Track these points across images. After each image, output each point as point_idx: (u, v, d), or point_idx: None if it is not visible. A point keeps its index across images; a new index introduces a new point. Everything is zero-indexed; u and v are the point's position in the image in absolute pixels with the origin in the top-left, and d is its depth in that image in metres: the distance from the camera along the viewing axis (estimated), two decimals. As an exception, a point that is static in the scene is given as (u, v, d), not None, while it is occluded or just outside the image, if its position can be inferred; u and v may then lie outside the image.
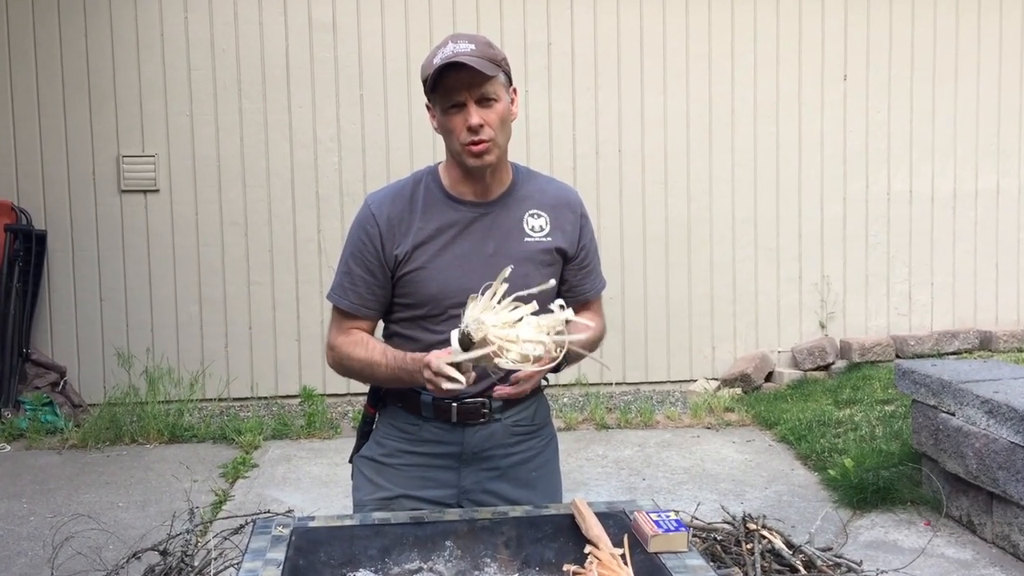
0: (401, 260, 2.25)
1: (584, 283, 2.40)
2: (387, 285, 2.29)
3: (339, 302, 2.32)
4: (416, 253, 2.25)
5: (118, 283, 7.20)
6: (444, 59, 2.13)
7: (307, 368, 7.23)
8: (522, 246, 2.28)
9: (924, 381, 4.85)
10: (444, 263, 2.25)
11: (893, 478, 5.02)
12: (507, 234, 2.28)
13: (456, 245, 2.26)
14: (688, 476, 5.63)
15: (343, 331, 2.32)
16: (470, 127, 2.16)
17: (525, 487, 2.36)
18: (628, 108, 7.51)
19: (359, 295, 2.30)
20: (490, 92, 2.17)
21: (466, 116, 2.16)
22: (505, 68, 2.22)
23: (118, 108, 7.14)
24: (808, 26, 7.65)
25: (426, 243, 2.25)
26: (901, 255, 7.87)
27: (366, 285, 2.30)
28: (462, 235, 2.27)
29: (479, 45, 2.16)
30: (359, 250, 2.29)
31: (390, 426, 2.36)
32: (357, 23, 7.28)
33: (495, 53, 2.19)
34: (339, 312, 2.34)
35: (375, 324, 2.37)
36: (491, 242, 2.27)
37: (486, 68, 2.13)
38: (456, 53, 2.13)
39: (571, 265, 2.36)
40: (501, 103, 2.19)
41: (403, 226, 2.26)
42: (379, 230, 2.26)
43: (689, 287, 7.63)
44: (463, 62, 2.10)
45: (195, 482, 5.50)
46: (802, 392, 7.14)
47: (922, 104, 7.80)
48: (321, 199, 7.29)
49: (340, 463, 5.81)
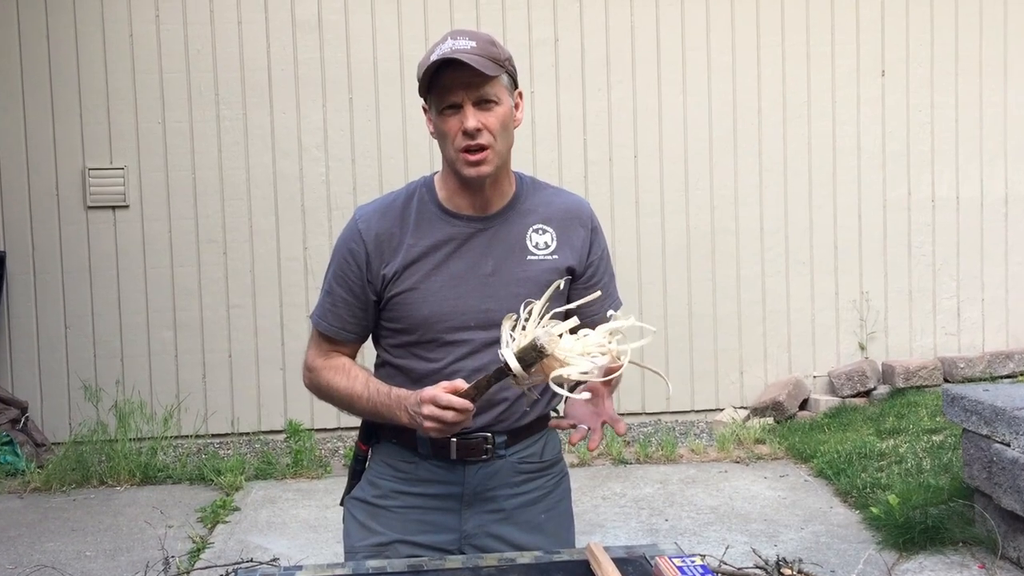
0: (390, 280, 2.26)
1: (593, 304, 2.39)
2: (370, 308, 2.31)
3: (319, 324, 2.36)
4: (406, 273, 2.26)
5: (84, 308, 7.22)
6: (441, 56, 2.14)
7: (293, 401, 7.24)
8: (524, 265, 2.29)
9: (975, 408, 4.83)
10: (437, 284, 2.26)
11: (942, 516, 5.00)
12: (508, 252, 2.29)
13: (451, 264, 2.26)
14: (715, 516, 5.61)
15: (323, 353, 2.36)
16: (466, 131, 2.16)
17: (534, 531, 2.36)
18: (644, 108, 7.53)
19: (340, 318, 2.33)
20: (490, 94, 2.18)
21: (462, 119, 2.17)
22: (509, 69, 2.23)
23: (83, 116, 7.18)
24: (841, 16, 7.68)
25: (417, 262, 2.26)
26: (948, 268, 7.87)
27: (347, 307, 2.32)
28: (457, 253, 2.27)
29: (480, 43, 2.17)
30: (342, 269, 2.31)
31: (384, 464, 2.36)
32: (345, 21, 7.32)
33: (498, 52, 2.19)
34: (320, 334, 2.37)
35: (358, 348, 2.39)
36: (490, 261, 2.27)
37: (486, 67, 2.13)
38: (454, 50, 2.14)
39: (578, 284, 2.36)
40: (502, 106, 2.20)
41: (392, 243, 2.27)
42: (365, 248, 2.27)
43: (714, 306, 7.63)
44: (461, 60, 2.11)
45: (170, 528, 5.49)
46: (840, 421, 7.11)
47: (969, 100, 7.81)
48: (307, 213, 7.31)
49: (330, 505, 5.80)
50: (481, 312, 2.25)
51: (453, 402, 2.02)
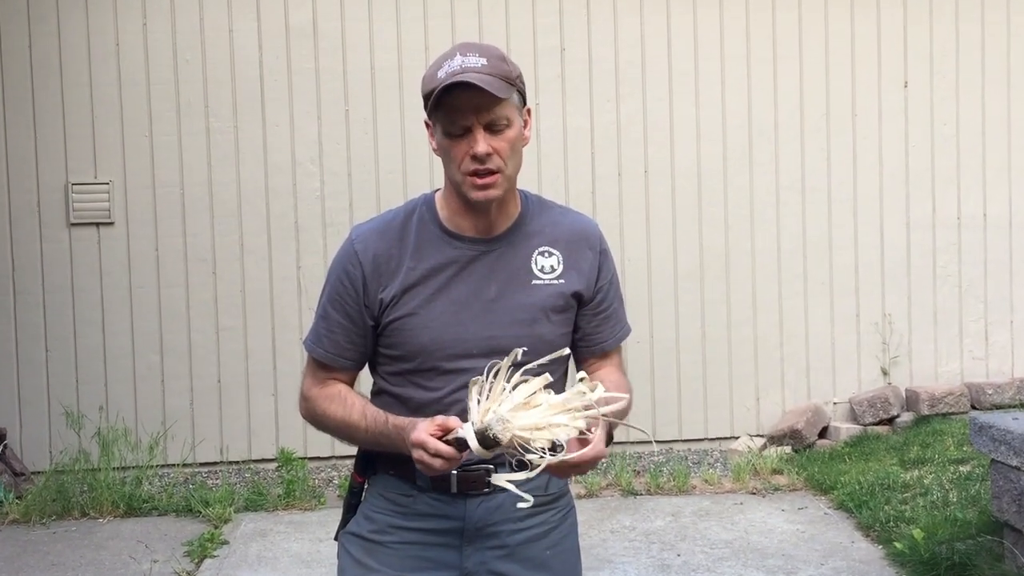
0: (388, 305, 2.27)
1: (601, 331, 2.40)
2: (367, 334, 2.32)
3: (313, 350, 2.37)
4: (405, 297, 2.27)
5: (66, 330, 7.23)
6: (451, 75, 2.13)
7: (285, 428, 7.24)
8: (529, 290, 2.30)
9: (1004, 437, 4.82)
10: (438, 310, 2.26)
11: (970, 551, 4.98)
12: (512, 276, 2.30)
13: (452, 289, 2.27)
14: (730, 551, 5.60)
15: (319, 381, 2.37)
16: (475, 155, 2.17)
17: (539, 568, 2.36)
18: (655, 122, 7.55)
19: (336, 344, 2.34)
20: (501, 117, 2.18)
21: (471, 143, 2.17)
22: (519, 86, 2.23)
23: (66, 128, 7.21)
24: (862, 25, 7.70)
25: (417, 286, 2.27)
26: (975, 289, 7.86)
27: (344, 332, 2.32)
28: (459, 277, 2.28)
29: (492, 59, 2.17)
30: (338, 292, 2.32)
31: (381, 498, 2.37)
32: (341, 29, 7.35)
33: (509, 70, 2.20)
34: (315, 361, 2.38)
35: (355, 375, 2.40)
36: (493, 285, 2.28)
37: (499, 90, 2.14)
38: (465, 68, 2.14)
39: (585, 310, 2.36)
40: (512, 129, 2.21)
41: (391, 265, 2.28)
42: (362, 271, 2.28)
43: (728, 329, 7.63)
44: (473, 82, 2.11)
45: (155, 563, 5.49)
46: (862, 450, 7.10)
47: (996, 113, 7.83)
48: (301, 231, 7.33)
49: (324, 539, 5.79)
50: (484, 339, 2.25)
51: (441, 450, 2.04)
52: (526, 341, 2.17)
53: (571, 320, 2.34)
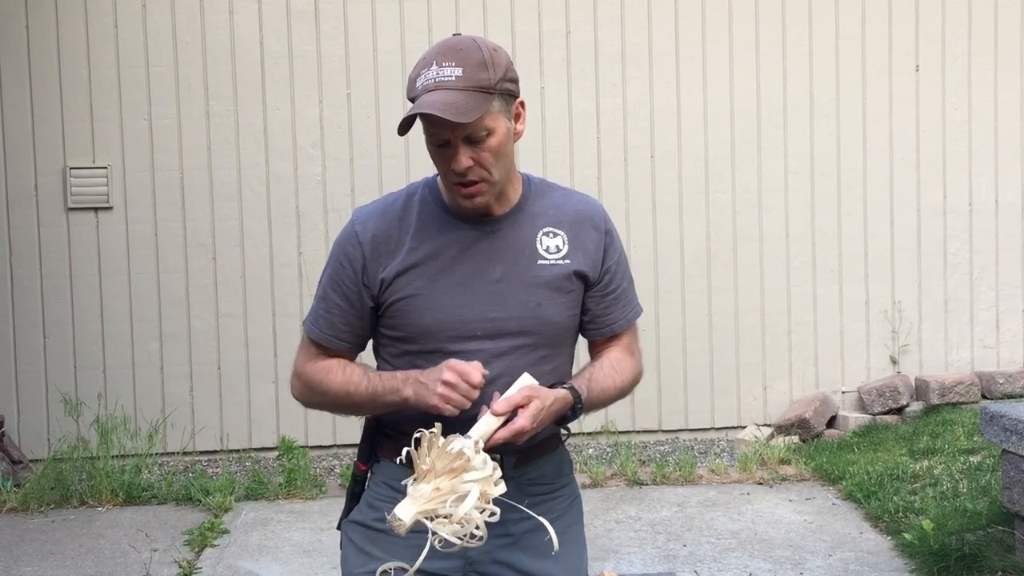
0: (388, 285, 2.28)
1: (610, 312, 2.41)
2: (366, 316, 2.34)
3: (311, 331, 2.39)
4: (406, 278, 2.28)
5: (64, 317, 7.24)
6: (425, 89, 2.15)
7: (286, 416, 7.25)
8: (535, 270, 2.30)
9: (1016, 427, 4.82)
10: (441, 290, 2.27)
11: (980, 543, 4.99)
12: (517, 256, 2.30)
13: (455, 269, 2.28)
14: (737, 541, 5.61)
15: (312, 359, 2.39)
16: (455, 171, 2.20)
17: (544, 557, 2.36)
18: (662, 106, 7.54)
19: (333, 325, 2.35)
20: (480, 129, 2.18)
21: (451, 157, 2.20)
22: (502, 88, 2.21)
23: (64, 111, 7.21)
24: (873, 7, 7.68)
25: (418, 266, 2.28)
26: (986, 276, 7.85)
27: (342, 314, 2.34)
28: (462, 257, 2.29)
29: (468, 68, 2.16)
30: (337, 274, 2.34)
31: (384, 486, 2.37)
32: (343, 10, 7.34)
33: (488, 77, 2.18)
34: (311, 341, 2.39)
35: (352, 360, 2.41)
36: (498, 266, 2.29)
37: (467, 111, 2.13)
38: (439, 83, 2.15)
39: (593, 291, 2.37)
40: (495, 136, 2.21)
41: (390, 245, 2.30)
42: (362, 251, 2.30)
43: (736, 316, 7.63)
44: (434, 114, 2.11)
45: (155, 552, 5.50)
46: (871, 440, 7.10)
47: (1009, 98, 7.80)
48: (302, 216, 7.33)
49: (326, 528, 5.81)
50: (488, 321, 2.26)
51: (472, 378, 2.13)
52: (530, 322, 2.19)
53: (578, 301, 2.35)
